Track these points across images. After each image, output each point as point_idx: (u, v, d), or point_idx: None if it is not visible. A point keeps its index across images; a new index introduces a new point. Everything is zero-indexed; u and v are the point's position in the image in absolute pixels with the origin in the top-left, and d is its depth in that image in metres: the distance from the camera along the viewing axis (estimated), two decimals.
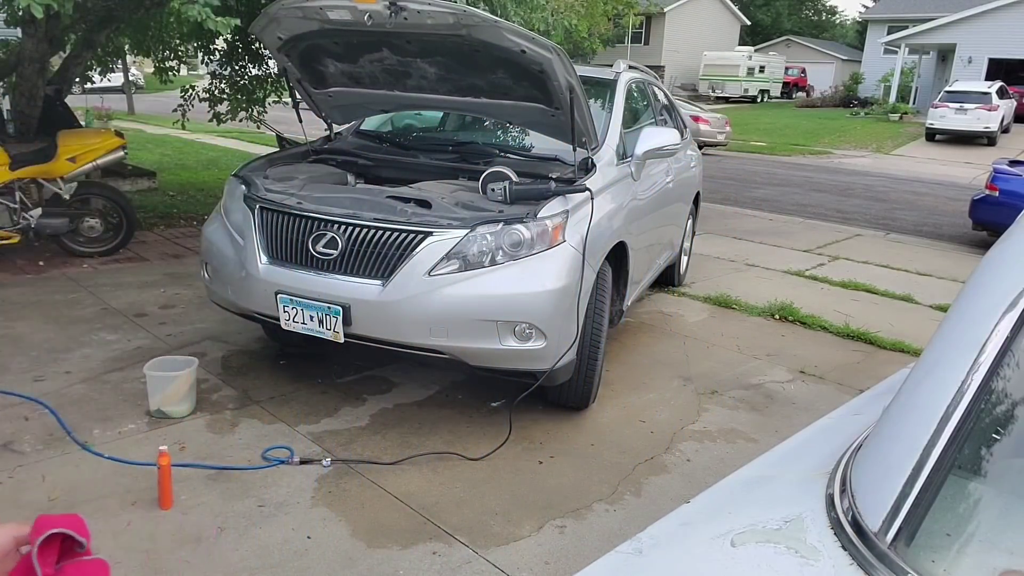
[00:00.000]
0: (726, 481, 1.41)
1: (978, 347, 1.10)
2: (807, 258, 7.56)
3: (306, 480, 3.02)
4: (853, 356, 4.83)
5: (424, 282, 3.14)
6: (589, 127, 3.69)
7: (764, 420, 3.83)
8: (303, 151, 4.36)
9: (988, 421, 1.09)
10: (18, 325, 4.45)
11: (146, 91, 26.67)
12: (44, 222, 5.53)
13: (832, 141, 21.12)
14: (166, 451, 2.80)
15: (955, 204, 11.24)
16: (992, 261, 1.27)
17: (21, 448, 3.13)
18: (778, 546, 1.11)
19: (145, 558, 2.50)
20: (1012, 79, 24.32)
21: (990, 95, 19.95)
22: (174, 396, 3.42)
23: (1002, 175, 8.40)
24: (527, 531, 2.79)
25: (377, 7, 3.25)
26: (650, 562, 1.20)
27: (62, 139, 5.61)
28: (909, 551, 1.02)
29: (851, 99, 30.62)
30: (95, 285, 5.26)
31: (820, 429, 1.60)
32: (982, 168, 14.98)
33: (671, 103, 5.96)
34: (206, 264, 3.77)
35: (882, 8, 33.59)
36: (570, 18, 9.90)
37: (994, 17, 25.06)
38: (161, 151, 12.54)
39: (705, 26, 38.52)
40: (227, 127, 9.42)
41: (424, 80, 3.85)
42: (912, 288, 6.38)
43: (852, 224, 9.72)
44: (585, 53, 21.87)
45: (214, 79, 8.50)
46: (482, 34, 3.28)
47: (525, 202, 3.41)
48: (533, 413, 3.62)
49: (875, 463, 1.17)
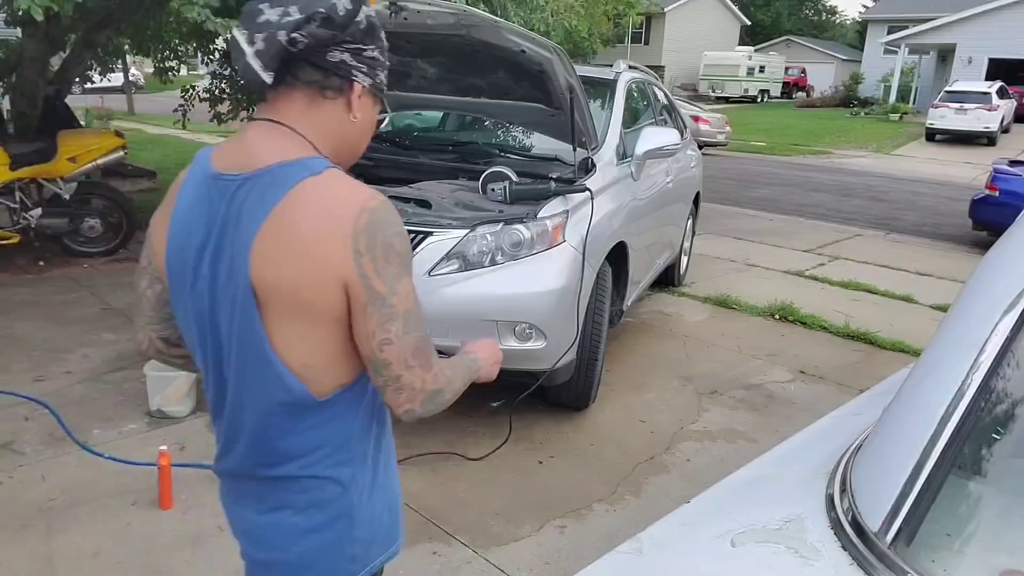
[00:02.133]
0: (726, 481, 1.41)
1: (978, 347, 1.10)
2: (807, 258, 7.56)
3: None
4: (853, 356, 4.83)
5: (424, 282, 3.14)
6: (589, 127, 3.69)
7: (764, 420, 3.83)
8: None
9: (988, 421, 1.09)
10: (18, 325, 4.45)
11: (146, 91, 26.67)
12: (44, 222, 5.54)
13: (832, 141, 21.12)
14: (166, 451, 2.80)
15: (955, 204, 11.23)
16: (992, 261, 1.27)
17: (21, 448, 3.13)
18: (778, 546, 1.11)
19: (145, 558, 2.50)
20: (1012, 79, 24.30)
21: (990, 95, 19.93)
22: (174, 396, 3.42)
23: (1002, 175, 8.40)
24: (527, 531, 2.79)
25: (377, 7, 3.25)
26: (650, 562, 1.20)
27: (62, 139, 5.61)
28: (909, 551, 1.02)
29: (851, 99, 30.62)
30: (95, 285, 5.26)
31: (820, 429, 1.60)
32: (982, 168, 14.98)
33: (671, 103, 5.96)
34: None
35: (882, 8, 33.58)
36: (570, 18, 9.91)
37: (994, 17, 25.04)
38: (161, 151, 12.54)
39: (705, 26, 38.51)
40: (227, 127, 9.41)
41: (424, 80, 3.85)
42: (912, 288, 6.38)
43: (852, 224, 9.71)
44: (585, 53, 21.87)
45: (214, 79, 8.49)
46: (482, 34, 3.27)
47: (525, 202, 3.41)
48: (533, 413, 3.62)
49: (875, 463, 1.17)
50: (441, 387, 1.17)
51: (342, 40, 1.07)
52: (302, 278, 1.03)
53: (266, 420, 1.14)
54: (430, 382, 1.15)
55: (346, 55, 1.08)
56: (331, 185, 1.06)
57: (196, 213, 1.10)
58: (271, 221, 1.03)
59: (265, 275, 1.04)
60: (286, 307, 1.05)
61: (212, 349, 1.14)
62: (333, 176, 1.07)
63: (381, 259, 1.05)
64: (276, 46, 1.03)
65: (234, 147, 1.11)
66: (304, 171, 1.05)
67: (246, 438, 1.17)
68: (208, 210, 1.09)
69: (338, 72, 1.09)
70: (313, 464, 1.17)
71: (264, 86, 1.06)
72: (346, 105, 1.12)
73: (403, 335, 1.08)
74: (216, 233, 1.07)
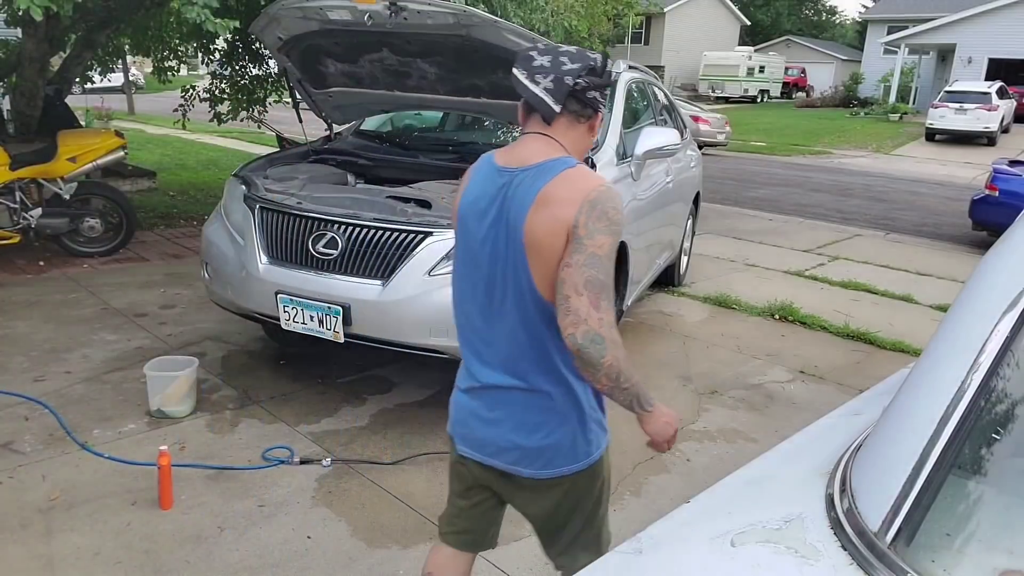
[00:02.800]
0: (726, 481, 1.41)
1: (978, 347, 1.10)
2: (807, 258, 7.56)
3: (306, 480, 3.02)
4: (853, 356, 4.83)
5: (424, 282, 3.14)
6: None
7: (764, 420, 3.83)
8: (303, 151, 4.36)
9: (988, 421, 1.09)
10: (18, 325, 4.45)
11: (146, 91, 26.66)
12: (44, 222, 5.54)
13: (832, 141, 21.12)
14: (166, 451, 2.80)
15: (955, 204, 11.24)
16: (992, 261, 1.27)
17: (21, 448, 3.13)
18: (778, 546, 1.11)
19: (145, 558, 2.50)
20: (1012, 79, 24.30)
21: (990, 95, 19.92)
22: (174, 396, 3.42)
23: (1002, 175, 8.39)
24: (527, 531, 2.78)
25: (377, 7, 3.25)
26: (650, 562, 1.20)
27: (62, 139, 5.61)
28: (909, 551, 1.02)
29: (851, 99, 30.61)
30: (95, 285, 5.26)
31: (820, 429, 1.60)
32: (982, 168, 14.98)
33: (671, 103, 5.96)
34: (206, 264, 3.77)
35: (882, 8, 33.57)
36: (570, 18, 9.91)
37: (994, 17, 25.04)
38: (161, 151, 12.54)
39: (705, 26, 38.51)
40: (227, 127, 9.42)
41: (424, 80, 3.85)
42: (912, 288, 6.38)
43: (852, 224, 9.72)
44: None
45: (214, 79, 8.50)
46: (482, 34, 3.28)
47: None
48: None
49: (875, 463, 1.17)
50: (604, 336, 1.45)
51: (598, 85, 1.57)
52: (548, 227, 1.49)
53: (520, 326, 1.58)
54: (594, 320, 1.44)
55: (596, 94, 1.58)
56: (581, 172, 1.56)
57: (483, 188, 1.61)
58: (540, 195, 1.51)
59: (531, 227, 1.51)
60: (536, 248, 1.51)
61: (486, 276, 1.61)
62: (582, 168, 1.57)
63: (593, 218, 1.48)
64: (564, 86, 1.54)
65: (513, 150, 1.62)
66: (564, 164, 1.55)
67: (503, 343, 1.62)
68: (492, 187, 1.59)
69: (591, 105, 1.59)
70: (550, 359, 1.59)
71: (553, 113, 1.56)
72: (589, 128, 1.63)
73: (581, 265, 1.46)
74: (499, 200, 1.57)
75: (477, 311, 1.65)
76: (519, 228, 1.52)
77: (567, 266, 1.47)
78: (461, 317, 1.70)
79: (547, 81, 1.53)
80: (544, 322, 1.56)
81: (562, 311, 1.46)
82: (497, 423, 1.65)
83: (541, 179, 1.52)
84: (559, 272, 1.48)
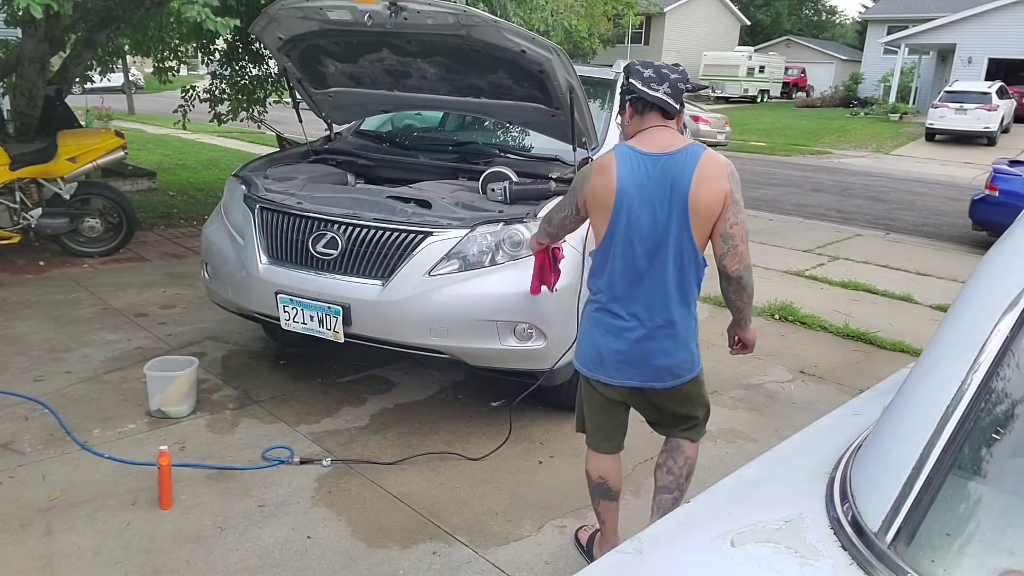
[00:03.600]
0: (726, 481, 1.41)
1: (978, 347, 1.10)
2: (807, 258, 7.56)
3: (306, 480, 3.02)
4: (853, 356, 4.83)
5: (424, 282, 3.14)
6: (589, 127, 3.68)
7: (764, 420, 3.83)
8: (303, 151, 4.35)
9: (988, 421, 1.09)
10: (18, 325, 4.45)
11: (146, 91, 26.67)
12: (44, 222, 5.54)
13: (832, 141, 21.12)
14: (166, 451, 2.80)
15: (955, 204, 11.24)
16: (992, 261, 1.27)
17: (21, 448, 3.13)
18: (778, 546, 1.11)
19: (145, 558, 2.51)
20: (1012, 79, 24.29)
21: (990, 95, 19.91)
22: (174, 396, 3.42)
23: (1002, 175, 8.39)
24: (527, 531, 2.79)
25: (377, 7, 3.25)
26: (650, 562, 1.20)
27: (62, 139, 5.61)
28: (909, 551, 1.02)
29: (851, 99, 30.60)
30: (95, 285, 5.26)
31: (820, 429, 1.60)
32: (982, 168, 14.98)
33: None
34: (206, 264, 3.77)
35: (882, 8, 33.56)
36: (570, 18, 9.91)
37: (994, 17, 25.03)
38: (161, 151, 12.54)
39: (705, 26, 38.50)
40: (227, 127, 9.42)
41: (424, 80, 3.84)
42: (912, 288, 6.38)
43: (852, 224, 9.72)
44: (585, 53, 21.88)
45: (214, 79, 8.49)
46: (482, 34, 3.27)
47: (525, 202, 3.41)
48: (533, 413, 3.62)
49: (875, 463, 1.17)
50: (750, 268, 2.21)
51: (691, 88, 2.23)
52: (711, 196, 2.10)
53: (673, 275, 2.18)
54: (749, 258, 2.19)
55: (683, 97, 2.19)
56: (713, 154, 2.15)
57: (638, 169, 2.14)
58: (698, 172, 2.09)
59: (696, 196, 2.09)
60: (698, 211, 2.10)
61: (647, 238, 2.14)
62: (711, 149, 2.17)
63: (738, 187, 2.15)
64: (679, 91, 2.18)
65: (651, 140, 2.16)
66: (699, 148, 2.14)
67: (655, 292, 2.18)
68: (647, 168, 2.13)
69: (682, 105, 2.19)
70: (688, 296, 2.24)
71: (675, 110, 2.20)
72: (679, 122, 2.23)
73: (743, 223, 2.15)
74: (657, 177, 2.11)
75: (631, 268, 2.17)
76: (685, 196, 2.08)
77: (735, 224, 2.12)
78: (614, 275, 2.20)
79: (665, 87, 2.15)
80: (692, 268, 2.17)
81: (731, 254, 2.14)
82: (648, 354, 2.22)
83: (691, 160, 2.09)
84: (727, 228, 2.12)
